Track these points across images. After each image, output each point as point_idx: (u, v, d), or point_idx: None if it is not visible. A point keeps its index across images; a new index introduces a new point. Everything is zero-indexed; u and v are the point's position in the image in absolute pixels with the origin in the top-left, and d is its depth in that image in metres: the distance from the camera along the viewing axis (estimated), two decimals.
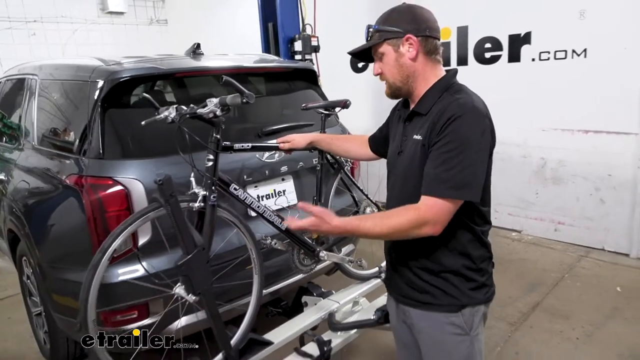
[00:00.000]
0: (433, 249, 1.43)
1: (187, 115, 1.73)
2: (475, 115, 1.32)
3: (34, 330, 3.03)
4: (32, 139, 2.73)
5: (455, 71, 1.48)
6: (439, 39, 1.44)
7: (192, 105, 1.78)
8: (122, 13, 7.77)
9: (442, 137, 1.30)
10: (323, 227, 1.38)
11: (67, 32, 7.28)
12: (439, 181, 1.30)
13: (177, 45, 7.90)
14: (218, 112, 1.68)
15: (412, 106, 1.49)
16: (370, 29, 1.45)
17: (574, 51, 3.94)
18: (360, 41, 1.49)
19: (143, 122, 1.87)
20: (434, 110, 1.38)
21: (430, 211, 1.30)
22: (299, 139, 2.02)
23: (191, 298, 1.72)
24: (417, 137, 1.40)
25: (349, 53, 1.55)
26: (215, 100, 1.71)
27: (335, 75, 5.10)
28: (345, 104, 2.38)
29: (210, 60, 2.73)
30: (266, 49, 4.86)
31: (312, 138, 2.02)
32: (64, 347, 2.64)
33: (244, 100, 1.63)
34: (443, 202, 1.30)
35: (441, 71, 1.46)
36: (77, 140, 2.32)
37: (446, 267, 1.43)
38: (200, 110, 1.71)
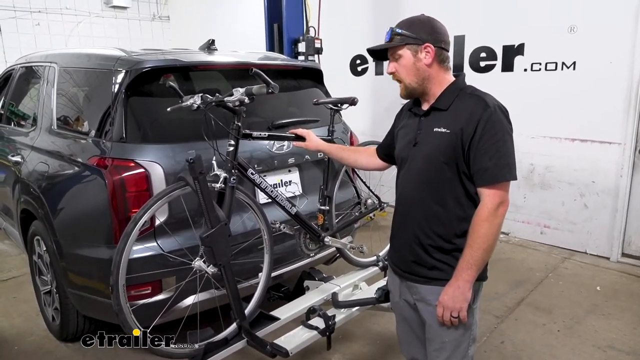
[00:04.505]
0: (448, 231, 1.58)
1: (213, 103, 1.87)
2: (502, 110, 1.54)
3: (42, 308, 3.12)
4: (51, 123, 2.84)
5: (464, 75, 1.67)
6: (448, 51, 1.62)
7: (217, 94, 1.92)
8: (125, 8, 7.88)
9: (485, 132, 1.47)
10: (464, 304, 1.53)
11: (71, 23, 7.37)
12: (499, 168, 1.47)
13: (178, 42, 8.04)
14: (246, 100, 1.82)
15: (425, 105, 1.64)
16: (393, 31, 1.58)
17: (563, 63, 4.15)
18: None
19: (169, 109, 2.01)
20: (455, 106, 1.55)
21: (496, 196, 1.48)
22: (313, 145, 2.13)
23: (211, 269, 1.86)
24: (442, 129, 1.54)
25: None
26: (241, 90, 1.84)
27: (335, 78, 5.23)
28: (353, 101, 2.54)
29: (227, 56, 2.87)
30: (270, 48, 4.99)
31: (324, 147, 2.13)
32: (74, 323, 2.75)
33: (270, 91, 1.77)
34: (504, 184, 1.50)
35: (451, 76, 1.64)
36: (99, 125, 2.45)
37: (458, 246, 1.57)
38: (228, 99, 1.85)
